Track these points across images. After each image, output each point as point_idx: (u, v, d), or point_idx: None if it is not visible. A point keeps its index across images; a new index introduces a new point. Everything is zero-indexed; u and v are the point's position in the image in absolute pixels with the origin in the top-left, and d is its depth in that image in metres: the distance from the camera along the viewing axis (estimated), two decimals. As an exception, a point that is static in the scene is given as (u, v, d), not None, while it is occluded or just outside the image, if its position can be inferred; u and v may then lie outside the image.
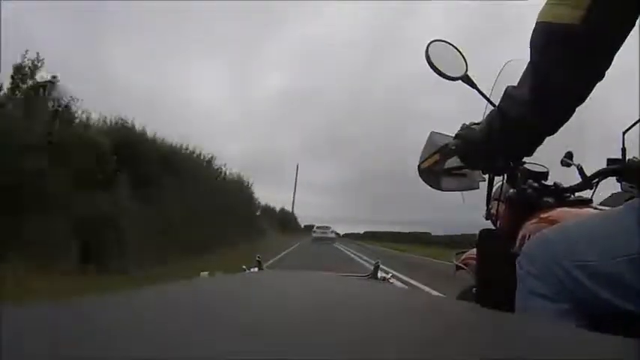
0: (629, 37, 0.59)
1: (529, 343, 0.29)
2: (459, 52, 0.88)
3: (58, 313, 0.34)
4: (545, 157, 0.97)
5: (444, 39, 0.87)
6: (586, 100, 0.67)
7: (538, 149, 0.76)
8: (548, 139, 0.72)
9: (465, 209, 1.13)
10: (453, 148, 0.83)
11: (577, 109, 0.68)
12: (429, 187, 1.01)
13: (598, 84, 0.64)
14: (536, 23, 0.61)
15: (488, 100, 0.88)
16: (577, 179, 0.98)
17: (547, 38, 0.61)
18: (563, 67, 0.61)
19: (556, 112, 0.67)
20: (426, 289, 5.51)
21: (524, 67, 0.67)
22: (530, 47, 0.64)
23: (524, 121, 0.68)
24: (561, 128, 0.71)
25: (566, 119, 0.68)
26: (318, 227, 30.53)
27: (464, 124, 0.84)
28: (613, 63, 0.62)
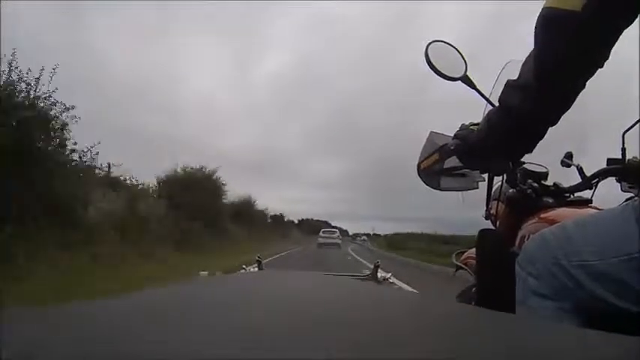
0: (628, 37, 0.60)
1: (528, 347, 0.29)
2: (459, 52, 0.88)
3: (62, 314, 0.34)
4: (545, 157, 0.97)
5: (443, 39, 0.87)
6: (586, 101, 0.67)
7: (538, 149, 0.75)
8: (546, 139, 0.72)
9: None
10: (452, 148, 0.83)
11: (576, 109, 0.68)
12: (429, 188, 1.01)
13: (597, 84, 0.65)
14: (542, 9, 0.63)
15: (487, 100, 0.88)
16: (577, 179, 0.98)
17: (548, 24, 0.62)
18: (562, 53, 0.62)
19: (556, 100, 0.67)
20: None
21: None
22: (534, 34, 0.65)
23: (525, 110, 0.68)
24: (561, 129, 0.71)
25: (567, 108, 0.68)
26: (324, 231, 29.60)
27: (463, 124, 0.84)
28: (614, 64, 0.62)
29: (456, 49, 0.88)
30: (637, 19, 0.59)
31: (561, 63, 0.63)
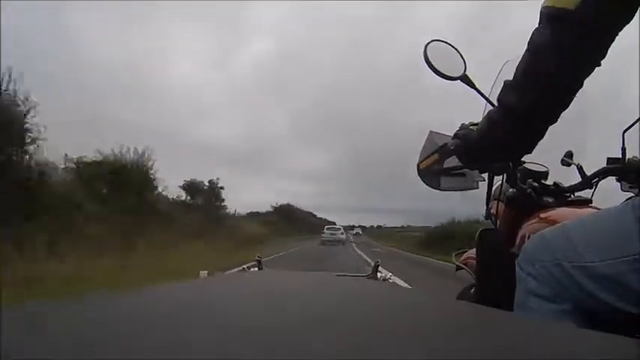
0: (628, 38, 0.60)
1: (529, 343, 0.29)
2: (458, 51, 0.88)
3: (62, 311, 0.34)
4: (545, 156, 0.97)
5: (442, 39, 0.87)
6: (586, 101, 0.67)
7: (538, 149, 0.75)
8: (546, 138, 0.72)
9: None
10: (452, 147, 0.83)
11: (576, 109, 0.68)
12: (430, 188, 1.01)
13: (597, 84, 0.65)
14: (541, 8, 0.64)
15: (487, 99, 0.88)
16: (577, 179, 0.98)
17: (545, 22, 0.64)
18: (558, 51, 0.63)
19: (554, 98, 0.67)
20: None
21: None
22: (532, 32, 0.66)
23: (523, 109, 0.68)
24: (561, 129, 0.71)
25: (565, 106, 0.68)
26: (327, 228, 29.35)
27: (463, 124, 0.84)
28: (614, 64, 0.63)
29: (455, 48, 0.88)
30: (635, 19, 0.59)
31: (558, 61, 0.63)
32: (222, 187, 20.06)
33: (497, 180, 1.00)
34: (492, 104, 0.82)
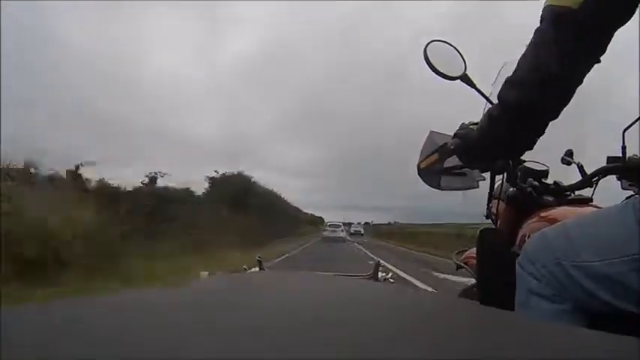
0: (629, 38, 0.61)
1: (530, 343, 0.29)
2: (458, 51, 0.88)
3: (62, 313, 0.34)
4: (545, 155, 0.97)
5: (442, 39, 0.87)
6: (586, 100, 0.67)
7: (538, 148, 0.75)
8: (547, 137, 0.72)
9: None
10: (452, 147, 0.83)
11: (576, 108, 0.68)
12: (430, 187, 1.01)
13: (598, 83, 0.65)
14: (543, 7, 0.65)
15: (487, 99, 0.88)
16: (577, 177, 0.98)
17: (548, 20, 0.64)
18: (560, 48, 0.64)
19: (554, 94, 0.68)
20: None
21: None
22: (535, 30, 0.67)
23: (523, 105, 0.68)
24: (561, 127, 0.71)
25: (566, 103, 0.68)
26: (329, 225, 29.53)
27: (463, 124, 0.84)
28: (614, 63, 0.63)
29: (455, 48, 0.88)
30: (635, 18, 0.59)
31: (559, 58, 0.64)
32: None
33: (498, 179, 1.00)
34: (492, 103, 0.82)
